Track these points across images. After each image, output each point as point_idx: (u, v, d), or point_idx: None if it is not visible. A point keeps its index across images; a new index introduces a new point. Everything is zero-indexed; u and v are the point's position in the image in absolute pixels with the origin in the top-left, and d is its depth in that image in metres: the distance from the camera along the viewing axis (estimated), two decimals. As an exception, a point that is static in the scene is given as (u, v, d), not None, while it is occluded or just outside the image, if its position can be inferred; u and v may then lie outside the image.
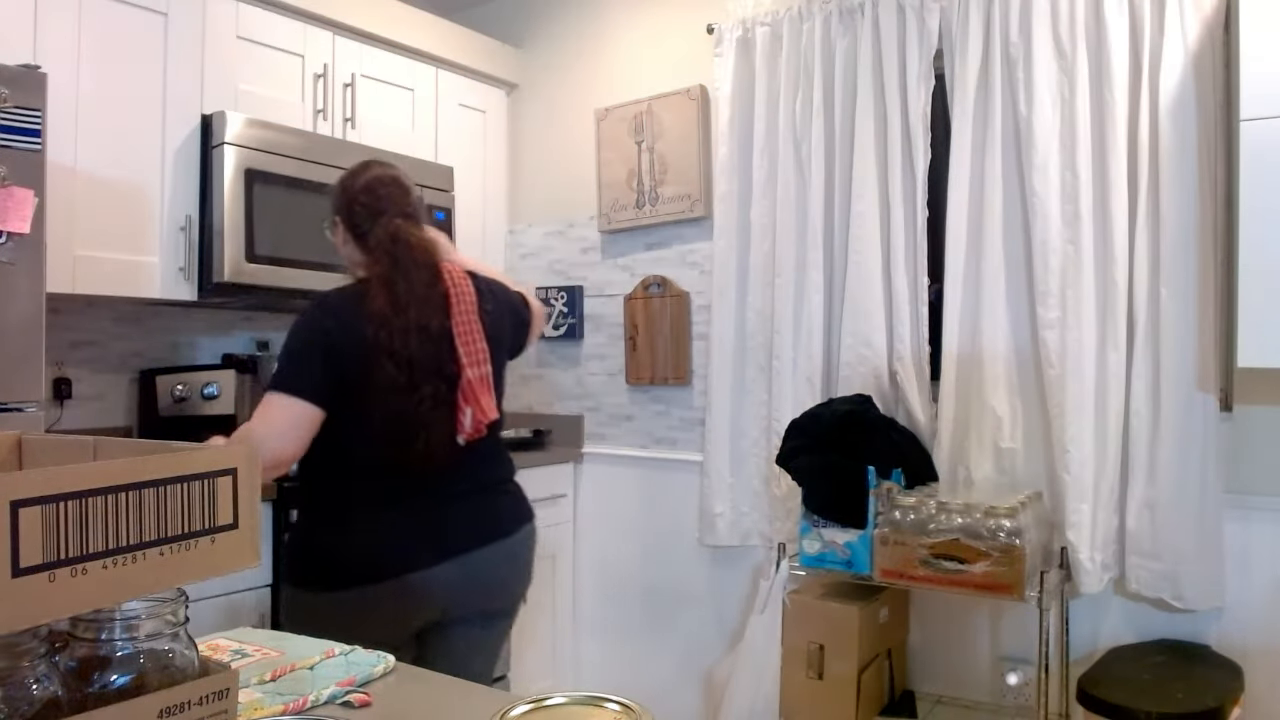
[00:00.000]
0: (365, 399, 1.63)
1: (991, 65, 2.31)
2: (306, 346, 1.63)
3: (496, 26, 3.41)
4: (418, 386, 1.64)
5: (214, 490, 0.66)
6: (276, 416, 1.58)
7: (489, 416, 1.73)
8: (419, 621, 1.73)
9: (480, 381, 1.72)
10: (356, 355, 1.62)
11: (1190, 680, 1.92)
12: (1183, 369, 2.08)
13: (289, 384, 1.60)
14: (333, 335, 1.62)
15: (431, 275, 1.71)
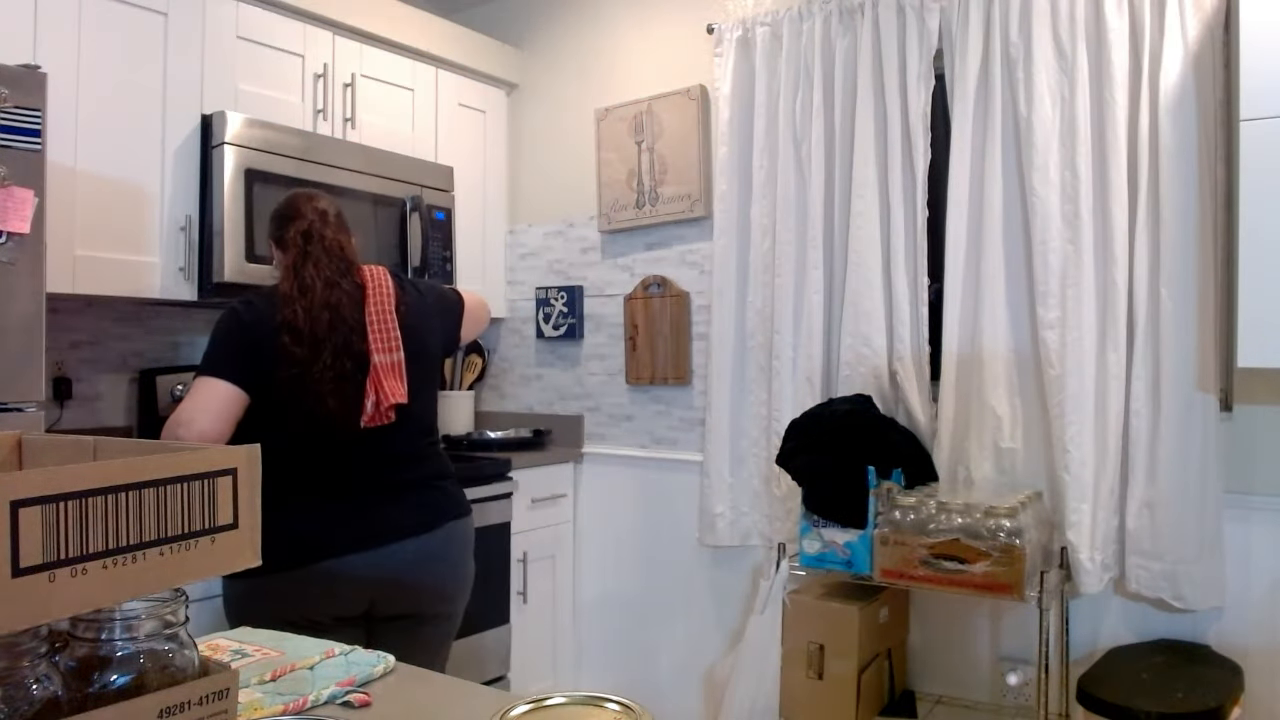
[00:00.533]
0: (276, 380, 1.75)
1: (991, 65, 2.31)
2: (226, 335, 1.77)
3: (496, 26, 3.41)
4: (318, 356, 1.74)
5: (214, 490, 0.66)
6: (200, 396, 1.72)
7: (393, 399, 1.79)
8: (344, 611, 1.80)
9: (390, 367, 1.81)
10: (269, 341, 1.75)
11: (1190, 680, 1.92)
12: (1183, 369, 2.08)
13: (210, 368, 1.75)
14: (247, 324, 1.76)
15: (344, 266, 1.85)
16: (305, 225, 1.86)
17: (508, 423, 3.35)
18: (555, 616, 3.09)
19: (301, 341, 1.74)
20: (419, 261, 2.82)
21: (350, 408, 1.77)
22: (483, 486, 2.68)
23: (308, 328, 1.74)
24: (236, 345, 1.76)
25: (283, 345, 1.73)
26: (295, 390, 1.74)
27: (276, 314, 1.76)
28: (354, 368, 1.77)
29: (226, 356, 1.75)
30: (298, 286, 1.78)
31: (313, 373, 1.74)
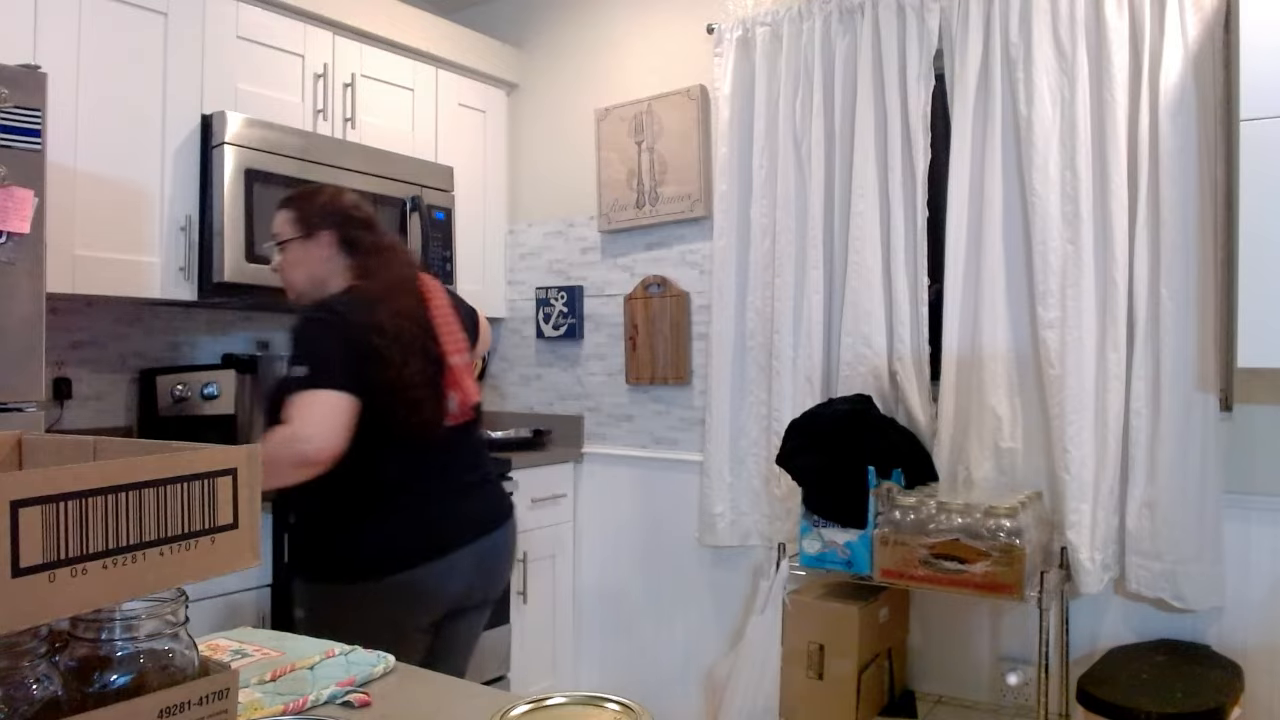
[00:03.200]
0: (375, 385, 1.70)
1: (991, 65, 2.31)
2: (327, 343, 1.69)
3: (496, 26, 3.41)
4: (408, 358, 1.74)
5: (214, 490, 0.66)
6: (320, 412, 1.62)
7: (473, 398, 1.85)
8: (441, 610, 1.82)
9: (465, 367, 1.84)
10: (365, 345, 1.70)
11: (1190, 680, 1.92)
12: (1183, 369, 2.08)
13: (324, 379, 1.64)
14: (342, 330, 1.70)
15: (414, 273, 1.88)
16: (384, 236, 1.87)
17: (508, 423, 3.35)
18: (555, 616, 3.09)
19: (391, 345, 1.71)
20: (419, 261, 2.82)
21: (437, 409, 1.78)
22: (483, 486, 2.68)
23: (394, 330, 1.72)
24: (341, 353, 1.68)
25: (378, 349, 1.70)
26: (393, 394, 1.71)
27: (366, 317, 1.72)
28: (433, 370, 1.78)
29: (334, 366, 1.67)
30: (383, 294, 1.76)
31: (405, 376, 1.72)
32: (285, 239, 1.86)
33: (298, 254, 1.85)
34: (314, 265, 1.84)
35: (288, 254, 1.86)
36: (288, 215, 1.87)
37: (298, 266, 1.85)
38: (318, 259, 1.84)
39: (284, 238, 1.86)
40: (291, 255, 1.85)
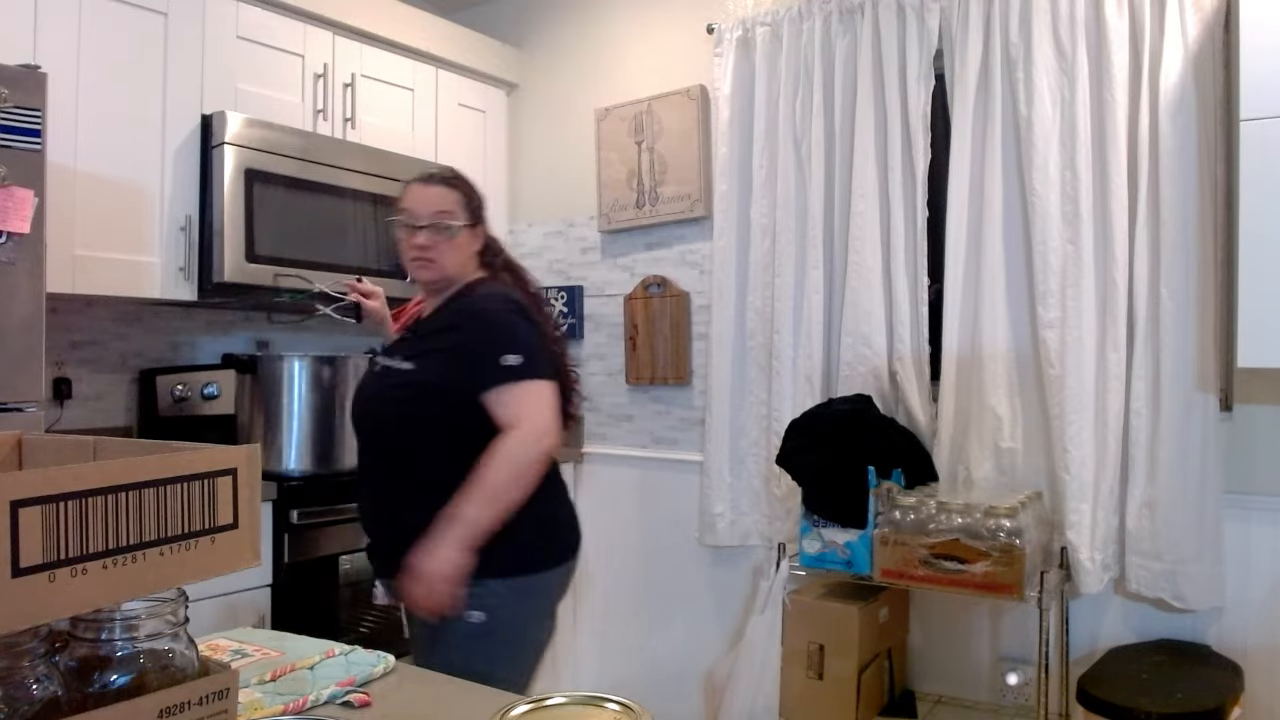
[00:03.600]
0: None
1: (991, 65, 2.31)
2: (529, 330, 1.69)
3: (496, 26, 3.41)
4: (564, 351, 1.85)
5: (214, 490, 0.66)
6: (547, 403, 1.64)
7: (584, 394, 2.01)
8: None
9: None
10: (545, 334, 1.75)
11: (1190, 680, 1.92)
12: (1183, 369, 2.08)
13: (538, 368, 1.64)
14: (533, 321, 1.72)
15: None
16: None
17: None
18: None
19: (556, 336, 1.81)
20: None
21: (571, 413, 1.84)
22: (483, 486, 2.68)
23: (550, 322, 1.81)
24: (539, 342, 1.69)
25: (553, 339, 1.77)
26: (561, 385, 1.74)
27: (537, 309, 1.76)
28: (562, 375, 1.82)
29: (541, 354, 1.67)
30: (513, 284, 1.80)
31: (565, 366, 1.80)
32: (458, 222, 1.74)
33: (463, 239, 1.75)
34: (467, 254, 1.77)
35: (455, 236, 1.73)
36: (458, 198, 1.76)
37: (458, 251, 1.74)
38: (471, 250, 1.78)
39: (457, 220, 1.74)
40: (458, 239, 1.74)
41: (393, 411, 1.69)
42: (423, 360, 1.67)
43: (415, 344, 1.72)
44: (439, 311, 1.74)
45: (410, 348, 1.72)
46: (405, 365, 1.68)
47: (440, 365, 1.65)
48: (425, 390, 1.65)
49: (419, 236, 1.72)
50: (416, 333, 1.76)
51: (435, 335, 1.69)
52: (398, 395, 1.68)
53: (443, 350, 1.66)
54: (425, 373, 1.66)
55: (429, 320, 1.75)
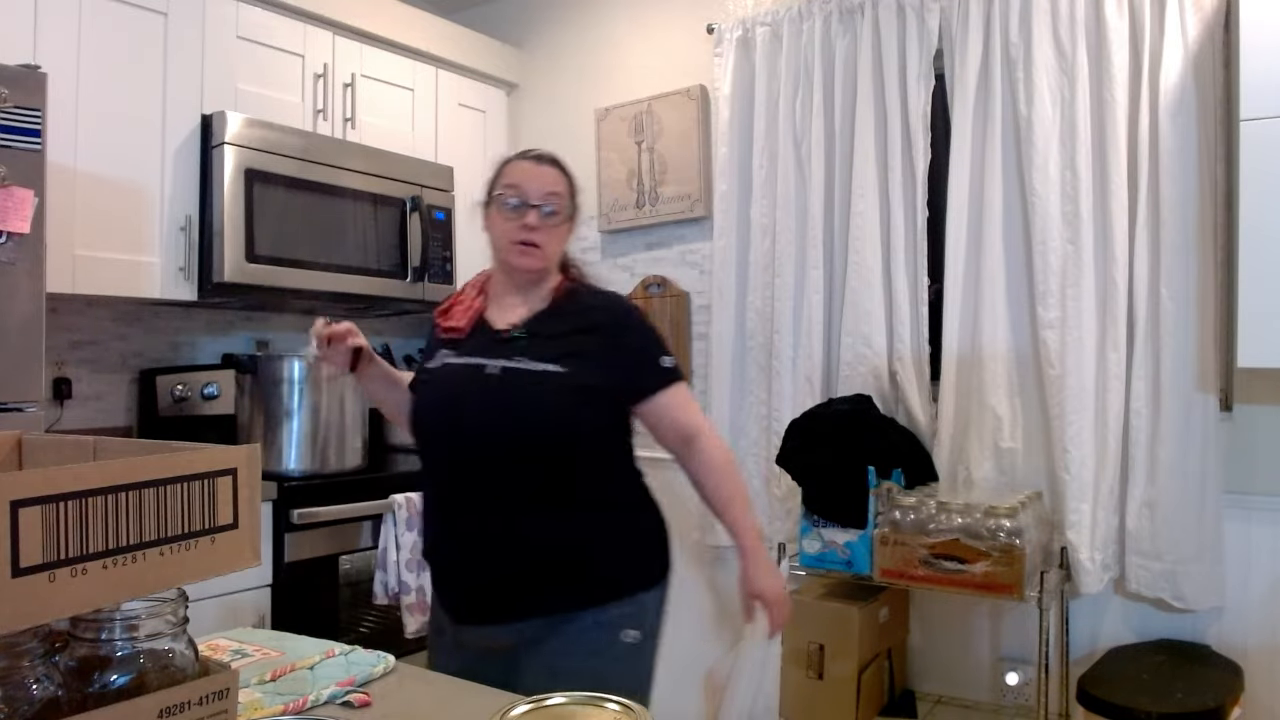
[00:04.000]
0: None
1: (991, 65, 2.31)
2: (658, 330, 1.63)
3: (496, 26, 3.40)
4: None
5: (214, 490, 0.66)
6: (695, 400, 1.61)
7: None
8: None
9: None
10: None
11: (1190, 680, 1.92)
12: (1183, 369, 2.08)
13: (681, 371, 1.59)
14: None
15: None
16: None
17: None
18: (555, 616, 3.08)
19: None
20: (419, 261, 2.82)
21: None
22: (483, 486, 2.68)
23: None
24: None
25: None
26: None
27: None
28: None
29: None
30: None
31: None
32: (568, 212, 1.60)
33: (565, 230, 1.60)
34: (563, 248, 1.62)
35: (562, 225, 1.58)
36: (568, 185, 1.61)
37: (561, 242, 1.60)
38: (563, 236, 1.61)
39: (565, 209, 1.58)
40: (562, 229, 1.59)
41: (552, 420, 1.46)
42: (574, 362, 1.47)
43: (545, 344, 1.50)
44: (557, 310, 1.55)
45: (542, 348, 1.50)
46: (551, 368, 1.46)
47: (598, 368, 1.48)
48: (589, 395, 1.47)
49: (530, 217, 1.52)
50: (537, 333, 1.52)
51: (576, 335, 1.51)
52: (554, 401, 1.46)
53: (598, 352, 1.49)
54: (585, 375, 1.47)
55: (547, 319, 1.54)
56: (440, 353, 1.57)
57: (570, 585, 1.44)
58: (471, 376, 1.50)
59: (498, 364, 1.49)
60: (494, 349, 1.52)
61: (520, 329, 1.54)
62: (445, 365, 1.55)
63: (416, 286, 2.83)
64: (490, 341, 1.54)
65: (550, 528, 1.45)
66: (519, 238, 1.51)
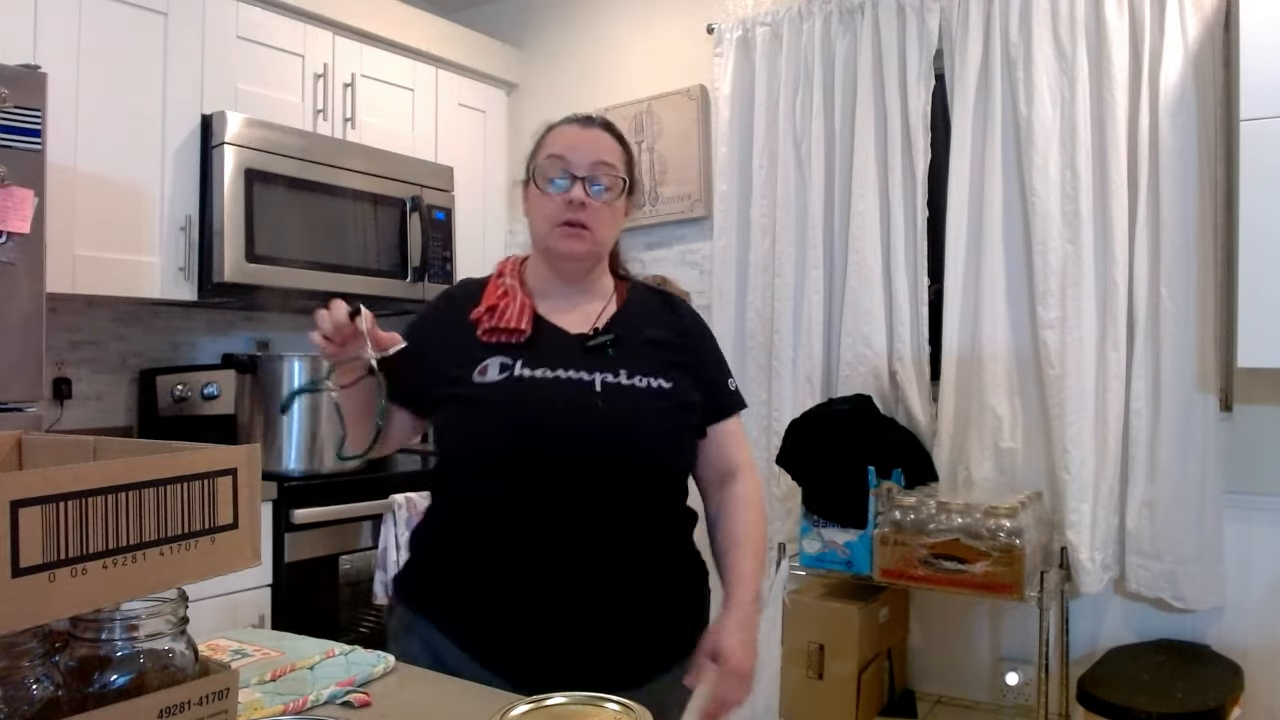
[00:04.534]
0: None
1: (991, 65, 2.31)
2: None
3: (496, 26, 3.40)
4: None
5: (214, 490, 0.66)
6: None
7: None
8: None
9: None
10: None
11: (1190, 680, 1.92)
12: (1183, 369, 2.08)
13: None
14: None
15: None
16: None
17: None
18: (555, 616, 3.08)
19: None
20: (419, 261, 2.82)
21: None
22: (483, 486, 2.68)
23: None
24: None
25: None
26: None
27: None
28: None
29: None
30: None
31: None
32: (621, 187, 1.30)
33: (620, 209, 1.32)
34: (618, 230, 1.34)
35: (616, 201, 1.29)
36: (623, 154, 1.32)
37: (616, 223, 1.32)
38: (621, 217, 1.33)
39: (618, 184, 1.29)
40: (617, 206, 1.30)
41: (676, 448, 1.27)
42: (675, 375, 1.26)
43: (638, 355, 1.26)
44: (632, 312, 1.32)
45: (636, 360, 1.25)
46: (658, 383, 1.24)
47: (693, 384, 1.28)
48: (693, 416, 1.28)
49: (576, 190, 1.24)
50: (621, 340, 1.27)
51: (665, 344, 1.29)
52: (673, 424, 1.25)
53: (688, 364, 1.28)
54: (688, 392, 1.27)
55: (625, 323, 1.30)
56: (492, 360, 1.24)
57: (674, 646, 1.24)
58: (575, 393, 1.21)
59: (595, 377, 1.22)
60: (581, 359, 1.24)
61: (605, 334, 1.27)
62: (518, 378, 1.22)
63: (416, 286, 2.83)
64: (574, 349, 1.25)
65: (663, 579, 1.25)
66: (563, 218, 1.24)
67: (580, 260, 1.28)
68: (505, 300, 1.29)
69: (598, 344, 1.25)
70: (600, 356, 1.25)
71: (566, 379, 1.22)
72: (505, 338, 1.25)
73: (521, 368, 1.23)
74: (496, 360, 1.24)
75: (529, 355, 1.24)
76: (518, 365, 1.23)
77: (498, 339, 1.25)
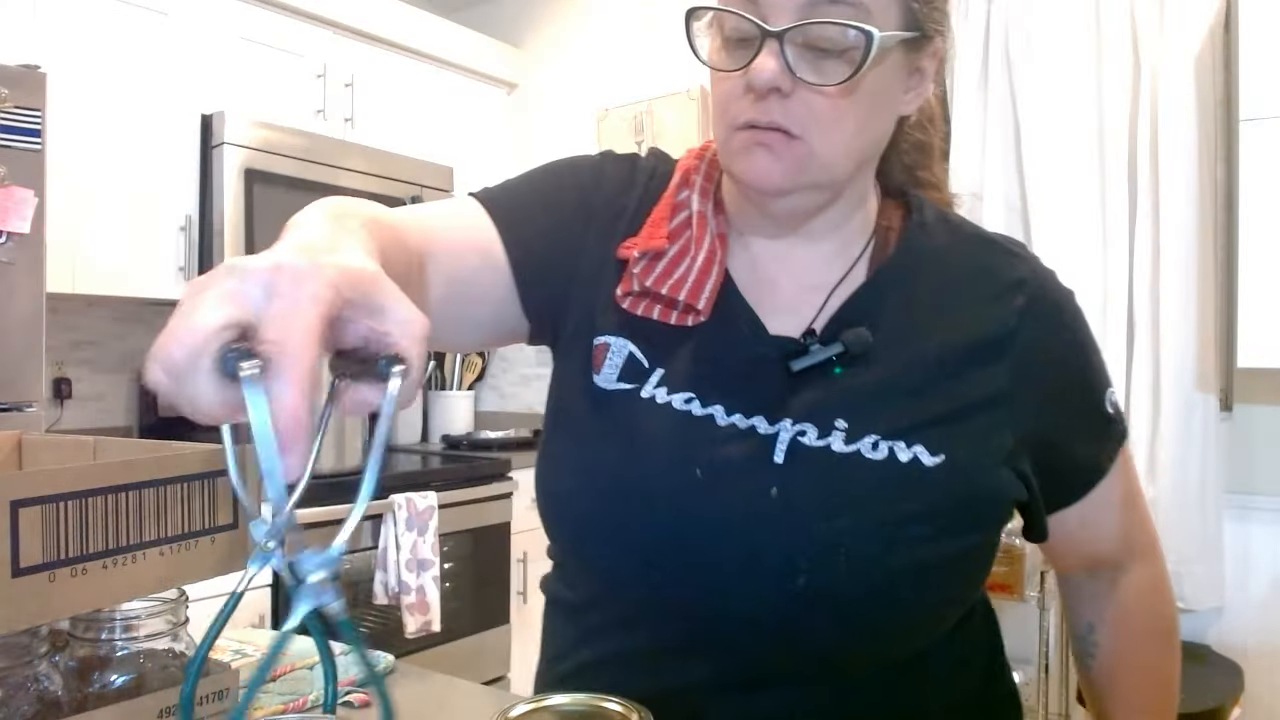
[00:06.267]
0: None
1: (991, 65, 2.31)
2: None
3: (496, 26, 3.40)
4: None
5: (214, 490, 0.66)
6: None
7: None
8: None
9: None
10: None
11: (1190, 680, 1.92)
12: (1183, 369, 2.08)
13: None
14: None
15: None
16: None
17: (508, 423, 3.35)
18: (555, 616, 3.08)
19: None
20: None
21: None
22: (483, 486, 2.68)
23: None
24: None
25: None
26: None
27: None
28: None
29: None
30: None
31: None
32: (868, 44, 0.60)
33: (885, 87, 0.66)
34: (891, 118, 0.69)
35: (859, 79, 0.62)
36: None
37: (867, 118, 0.66)
38: (900, 105, 0.69)
39: (863, 37, 0.60)
40: (872, 81, 0.63)
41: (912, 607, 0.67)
42: (961, 434, 0.66)
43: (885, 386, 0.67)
44: (898, 285, 0.71)
45: (900, 398, 0.66)
46: (915, 453, 0.64)
47: (996, 452, 0.67)
48: (983, 524, 0.69)
49: (761, 63, 0.62)
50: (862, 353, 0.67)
51: (976, 366, 0.68)
52: (922, 557, 0.64)
53: (1011, 403, 0.68)
54: (987, 473, 0.67)
55: (879, 309, 0.69)
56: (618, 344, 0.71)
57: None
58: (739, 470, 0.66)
59: (782, 431, 0.66)
60: (775, 386, 0.67)
61: (826, 342, 0.68)
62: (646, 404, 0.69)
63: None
64: (768, 365, 0.68)
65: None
66: (742, 119, 0.64)
67: (777, 195, 0.67)
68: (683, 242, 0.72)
69: (814, 364, 0.66)
70: (817, 383, 0.67)
71: (731, 430, 0.66)
72: (660, 312, 0.70)
73: (658, 384, 0.69)
74: (625, 348, 0.70)
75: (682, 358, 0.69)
76: (653, 377, 0.69)
77: (644, 309, 0.70)
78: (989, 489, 0.65)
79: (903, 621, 0.67)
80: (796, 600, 0.63)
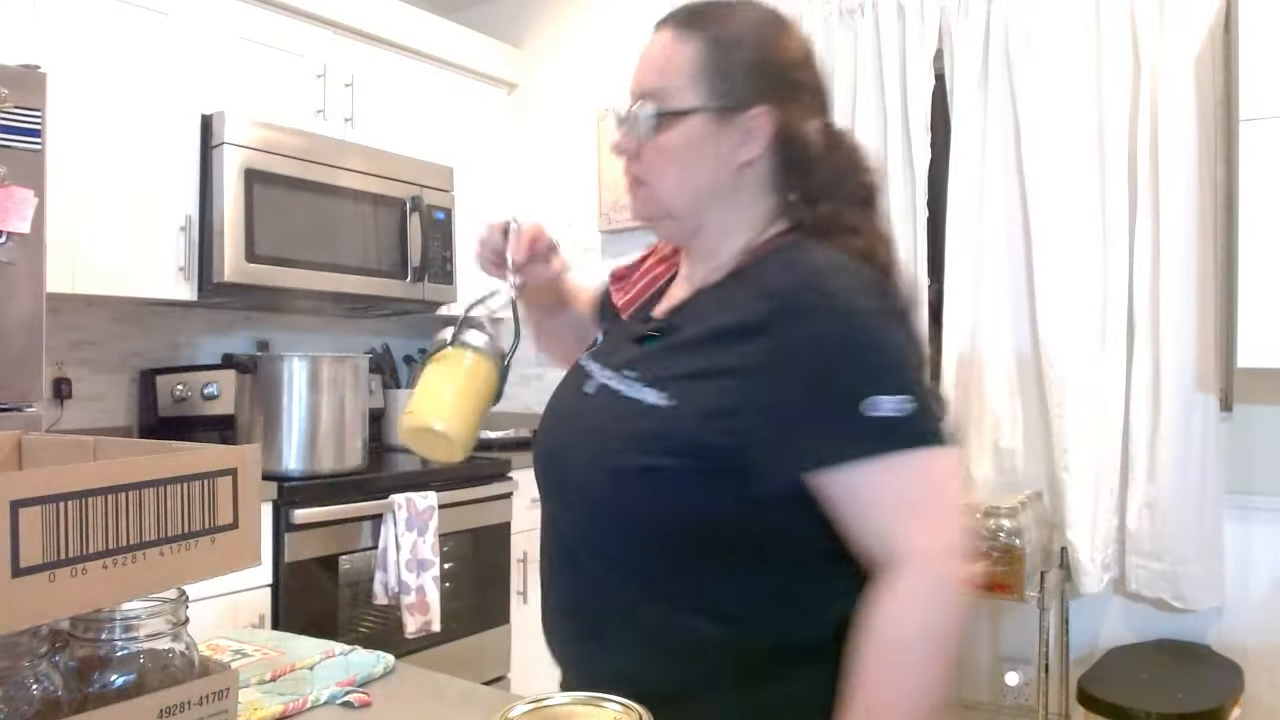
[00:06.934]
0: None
1: (992, 65, 2.31)
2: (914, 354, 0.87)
3: (496, 26, 3.40)
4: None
5: (214, 490, 0.66)
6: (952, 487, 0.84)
7: None
8: None
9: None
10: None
11: (1190, 680, 1.92)
12: (1183, 369, 2.08)
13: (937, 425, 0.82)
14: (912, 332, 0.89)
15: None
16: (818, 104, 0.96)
17: (507, 423, 3.35)
18: (555, 616, 3.08)
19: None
20: (419, 261, 2.82)
21: None
22: (482, 486, 2.68)
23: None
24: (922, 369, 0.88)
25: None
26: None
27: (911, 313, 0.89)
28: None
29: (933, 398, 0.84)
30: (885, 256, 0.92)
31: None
32: (676, 106, 0.91)
33: (695, 137, 0.91)
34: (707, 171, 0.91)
35: (670, 131, 0.91)
36: (694, 55, 0.94)
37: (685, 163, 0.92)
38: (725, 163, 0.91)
39: (677, 102, 0.91)
40: (680, 135, 0.91)
41: (610, 487, 0.89)
42: (692, 390, 0.86)
43: (672, 353, 0.91)
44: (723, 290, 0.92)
45: (662, 360, 0.91)
46: (650, 396, 0.88)
47: (722, 405, 0.84)
48: (691, 449, 0.84)
49: (615, 138, 0.97)
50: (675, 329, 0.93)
51: (723, 342, 0.86)
52: (622, 458, 0.88)
53: (743, 373, 0.84)
54: (707, 420, 0.84)
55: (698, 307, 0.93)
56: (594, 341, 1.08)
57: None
58: (571, 392, 1.00)
59: (598, 378, 0.96)
60: (624, 352, 0.96)
61: (662, 321, 0.96)
62: (575, 366, 1.04)
63: (417, 287, 2.83)
64: (626, 336, 0.99)
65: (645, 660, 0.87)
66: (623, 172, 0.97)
67: (646, 223, 0.97)
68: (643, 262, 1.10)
69: (646, 334, 0.95)
70: (639, 350, 0.94)
71: (588, 374, 0.98)
72: (613, 310, 1.09)
73: (587, 355, 1.03)
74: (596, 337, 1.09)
75: (603, 341, 1.05)
76: (587, 351, 1.04)
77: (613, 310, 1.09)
78: (700, 430, 0.85)
79: (596, 509, 0.92)
80: (566, 482, 0.97)
